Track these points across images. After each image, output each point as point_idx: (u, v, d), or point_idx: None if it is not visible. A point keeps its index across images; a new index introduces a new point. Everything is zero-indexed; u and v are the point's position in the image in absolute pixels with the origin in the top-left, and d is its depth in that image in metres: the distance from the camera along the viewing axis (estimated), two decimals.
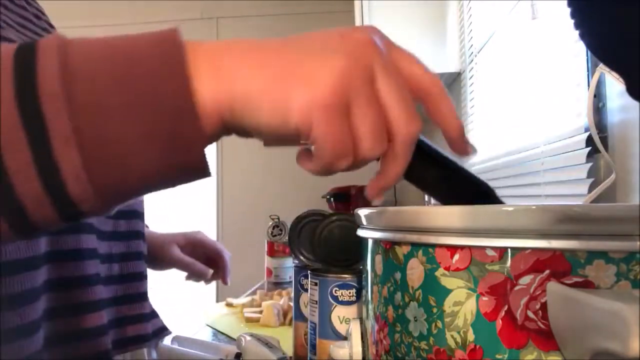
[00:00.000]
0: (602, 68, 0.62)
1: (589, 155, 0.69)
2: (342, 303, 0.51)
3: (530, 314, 0.24)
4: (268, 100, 0.26)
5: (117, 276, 0.52)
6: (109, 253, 0.51)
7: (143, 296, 0.56)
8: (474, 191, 0.36)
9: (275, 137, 0.27)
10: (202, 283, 0.86)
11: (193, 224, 2.92)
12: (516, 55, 1.11)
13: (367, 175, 0.32)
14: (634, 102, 0.28)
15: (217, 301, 2.76)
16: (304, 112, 0.25)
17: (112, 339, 0.50)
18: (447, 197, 0.35)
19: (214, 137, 0.27)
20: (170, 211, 2.86)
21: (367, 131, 0.26)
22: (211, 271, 0.81)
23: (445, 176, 0.35)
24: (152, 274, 0.72)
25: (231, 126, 0.27)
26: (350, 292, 0.51)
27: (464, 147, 0.31)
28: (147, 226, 0.73)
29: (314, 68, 0.26)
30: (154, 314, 0.58)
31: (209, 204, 2.87)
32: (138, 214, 0.57)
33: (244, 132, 0.28)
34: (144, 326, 0.55)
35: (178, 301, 2.70)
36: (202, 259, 0.80)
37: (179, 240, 0.77)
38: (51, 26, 0.53)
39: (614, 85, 0.66)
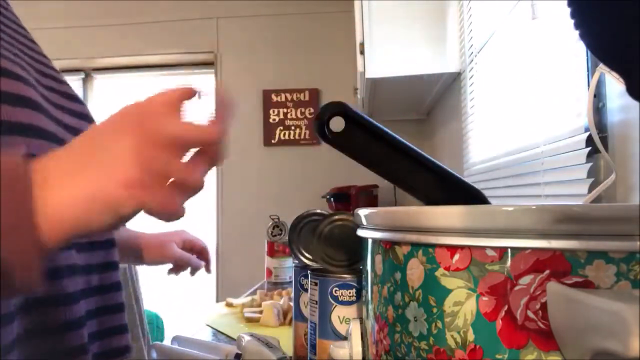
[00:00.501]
0: (602, 68, 0.62)
1: (589, 155, 0.69)
2: (342, 303, 0.51)
3: (530, 314, 0.24)
4: (98, 211, 0.31)
5: (97, 287, 0.51)
6: (89, 264, 0.50)
7: (121, 306, 0.55)
8: (465, 195, 0.37)
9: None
10: (197, 279, 0.91)
11: (193, 224, 2.92)
12: (516, 55, 1.11)
13: (366, 176, 0.32)
14: (634, 102, 0.28)
15: (217, 301, 2.76)
16: (129, 203, 0.31)
17: (95, 351, 0.49)
18: (440, 202, 0.36)
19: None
20: None
21: (180, 174, 0.33)
22: (203, 263, 0.89)
23: (437, 181, 0.36)
24: (152, 276, 0.72)
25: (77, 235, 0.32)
26: (350, 292, 0.51)
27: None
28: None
29: (116, 176, 0.31)
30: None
31: (209, 204, 2.87)
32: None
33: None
34: (125, 337, 0.54)
35: (178, 301, 2.70)
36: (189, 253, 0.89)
37: (175, 239, 0.85)
38: (16, 17, 0.53)
39: (614, 85, 0.66)
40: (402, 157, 0.36)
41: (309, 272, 0.55)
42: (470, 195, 0.37)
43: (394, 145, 0.35)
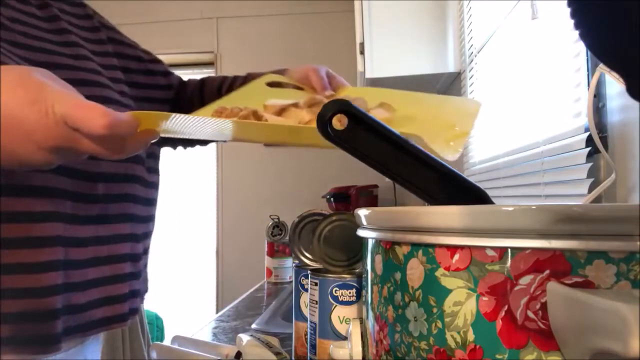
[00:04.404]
0: (602, 68, 0.62)
1: (589, 155, 0.69)
2: (342, 303, 0.51)
3: (530, 314, 0.24)
4: None
5: (105, 258, 0.55)
6: (97, 236, 0.54)
7: (126, 276, 0.58)
8: (469, 194, 0.37)
9: None
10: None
11: (193, 223, 2.92)
12: (516, 55, 1.11)
13: (366, 176, 0.32)
14: (634, 102, 0.28)
15: (218, 302, 2.76)
16: (41, 163, 0.38)
17: (99, 317, 0.53)
18: (443, 201, 0.36)
19: None
20: (170, 211, 2.86)
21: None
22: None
23: (440, 180, 0.36)
24: (152, 276, 0.72)
25: None
26: (350, 292, 0.51)
27: None
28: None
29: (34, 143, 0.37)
30: (132, 294, 0.60)
31: (209, 204, 2.87)
32: (130, 197, 0.59)
33: None
34: (125, 305, 0.57)
35: (178, 301, 2.70)
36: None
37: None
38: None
39: (614, 85, 0.66)
40: (405, 156, 0.35)
41: (309, 272, 0.55)
42: (474, 195, 0.37)
43: (398, 143, 0.35)
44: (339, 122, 0.34)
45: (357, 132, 0.35)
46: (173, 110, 0.72)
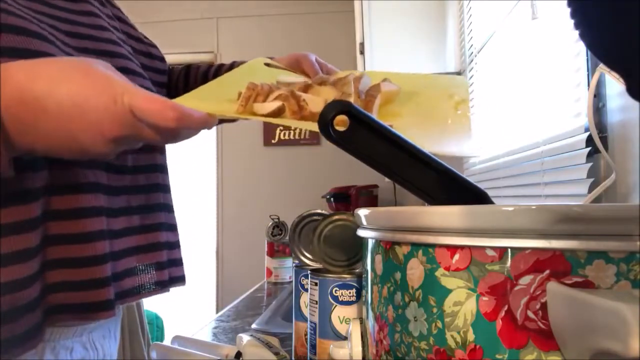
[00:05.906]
0: (602, 68, 0.62)
1: (589, 155, 0.69)
2: (342, 303, 0.51)
3: (530, 314, 0.24)
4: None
5: (138, 227, 0.55)
6: (129, 206, 0.54)
7: (163, 245, 0.58)
8: (469, 194, 0.36)
9: None
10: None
11: (193, 223, 2.92)
12: (516, 55, 1.11)
13: (366, 176, 0.32)
14: (634, 102, 0.28)
15: (218, 302, 2.76)
16: (102, 153, 0.39)
17: (135, 285, 0.54)
18: (443, 201, 0.36)
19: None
20: None
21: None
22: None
23: (440, 181, 0.36)
24: None
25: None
26: (350, 292, 0.51)
27: None
28: None
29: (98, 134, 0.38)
30: (172, 263, 0.60)
31: (209, 204, 2.87)
32: (157, 167, 0.60)
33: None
34: (164, 272, 0.58)
35: (178, 301, 2.70)
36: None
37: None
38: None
39: (614, 85, 0.66)
40: (407, 157, 0.35)
41: (309, 272, 0.55)
42: (474, 196, 0.37)
43: (399, 144, 0.35)
44: (340, 123, 0.34)
45: (358, 133, 0.35)
46: (168, 95, 0.73)
